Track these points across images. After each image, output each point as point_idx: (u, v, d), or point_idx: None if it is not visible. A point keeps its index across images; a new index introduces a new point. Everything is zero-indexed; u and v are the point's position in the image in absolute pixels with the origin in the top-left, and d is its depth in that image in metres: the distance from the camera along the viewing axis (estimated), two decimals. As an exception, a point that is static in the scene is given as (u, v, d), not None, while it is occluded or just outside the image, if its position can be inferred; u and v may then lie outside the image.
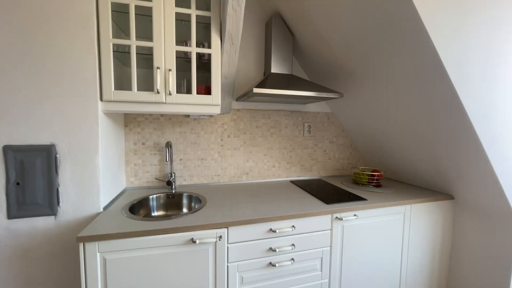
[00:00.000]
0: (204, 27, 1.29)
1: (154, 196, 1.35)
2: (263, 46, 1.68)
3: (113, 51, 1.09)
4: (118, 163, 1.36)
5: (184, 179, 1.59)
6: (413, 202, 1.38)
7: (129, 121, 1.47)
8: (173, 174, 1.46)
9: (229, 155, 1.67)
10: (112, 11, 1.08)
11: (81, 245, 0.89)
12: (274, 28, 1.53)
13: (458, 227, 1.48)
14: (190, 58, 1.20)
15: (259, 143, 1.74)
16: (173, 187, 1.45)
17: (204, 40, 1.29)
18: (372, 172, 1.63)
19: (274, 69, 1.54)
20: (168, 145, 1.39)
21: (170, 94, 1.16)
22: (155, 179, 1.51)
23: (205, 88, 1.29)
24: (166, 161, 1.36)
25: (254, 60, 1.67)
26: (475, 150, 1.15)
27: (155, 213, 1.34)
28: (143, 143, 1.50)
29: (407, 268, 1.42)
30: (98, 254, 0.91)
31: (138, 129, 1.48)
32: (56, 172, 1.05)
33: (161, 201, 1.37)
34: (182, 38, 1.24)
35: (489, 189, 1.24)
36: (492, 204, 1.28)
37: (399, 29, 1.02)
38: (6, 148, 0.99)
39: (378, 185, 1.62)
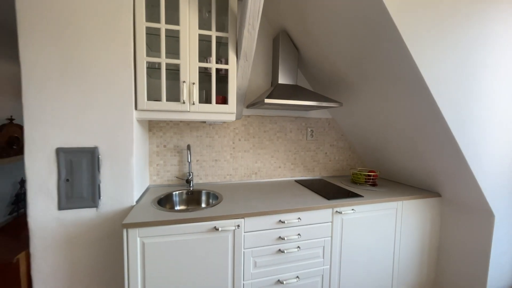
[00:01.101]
0: (222, 45, 1.48)
1: (177, 192, 1.54)
2: (271, 59, 1.87)
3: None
4: (144, 164, 1.54)
5: (200, 178, 1.77)
6: (404, 199, 1.56)
7: (152, 126, 1.66)
8: (191, 174, 1.64)
9: (240, 156, 1.86)
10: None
11: (125, 231, 1.07)
12: (281, 43, 1.72)
13: (445, 221, 1.66)
14: (210, 73, 1.39)
15: (266, 146, 1.92)
16: (191, 185, 1.63)
17: (221, 56, 1.48)
18: (368, 172, 1.81)
19: (281, 80, 1.73)
20: (189, 147, 1.57)
21: (193, 104, 1.34)
22: (176, 177, 1.70)
23: (222, 98, 1.48)
24: (188, 161, 1.55)
25: (262, 71, 1.86)
26: (455, 152, 1.34)
27: (177, 207, 1.52)
28: (164, 146, 1.68)
29: (399, 257, 1.60)
30: (138, 239, 1.09)
31: (160, 133, 1.67)
32: (98, 170, 1.23)
33: (183, 196, 1.55)
34: (203, 55, 1.43)
35: (469, 188, 1.42)
36: (472, 201, 1.46)
37: (387, 51, 1.21)
38: (59, 150, 1.17)
39: (374, 184, 1.80)
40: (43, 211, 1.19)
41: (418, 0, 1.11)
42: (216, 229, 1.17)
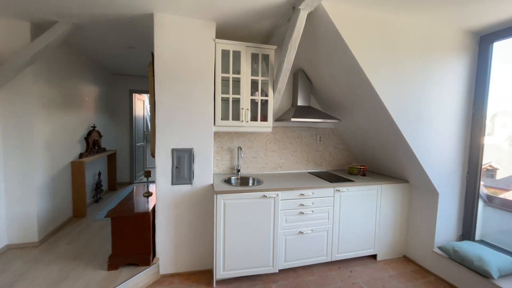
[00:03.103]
0: (264, 84, 2.31)
1: (233, 177, 2.37)
2: (292, 88, 2.69)
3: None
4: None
5: (243, 169, 2.60)
6: (383, 183, 2.35)
7: (215, 134, 2.49)
8: (239, 166, 2.47)
9: (270, 155, 2.68)
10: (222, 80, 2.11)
11: (215, 195, 1.90)
12: (299, 77, 2.54)
13: (411, 199, 2.44)
14: (257, 102, 2.22)
15: (288, 148, 2.74)
16: (239, 173, 2.46)
17: (263, 91, 2.31)
18: (360, 166, 2.60)
19: (299, 102, 2.54)
20: (240, 148, 2.41)
21: (247, 121, 2.18)
22: (229, 168, 2.53)
23: (263, 117, 2.30)
24: (240, 157, 2.38)
25: (286, 96, 2.67)
26: (410, 153, 2.12)
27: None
28: (221, 147, 2.52)
29: (379, 223, 2.38)
30: (222, 200, 1.91)
31: (219, 139, 2.50)
32: (193, 162, 2.07)
33: (237, 180, 2.38)
34: (252, 91, 2.26)
35: (421, 175, 2.20)
36: (425, 184, 2.24)
37: (363, 88, 2.01)
38: (173, 150, 2.02)
39: (363, 174, 2.59)
40: (163, 185, 2.03)
41: (379, 59, 1.92)
42: (264, 196, 1.99)
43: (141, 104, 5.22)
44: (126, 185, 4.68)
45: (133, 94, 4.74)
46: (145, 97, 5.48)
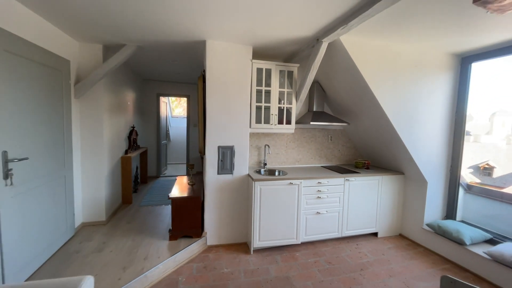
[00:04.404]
0: (288, 94, 2.85)
1: (262, 169, 2.92)
2: (308, 96, 3.23)
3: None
4: (243, 154, 2.93)
5: (268, 163, 3.15)
6: (383, 175, 2.90)
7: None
8: (265, 160, 3.03)
9: (289, 152, 3.23)
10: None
11: (253, 182, 2.45)
12: (316, 88, 3.09)
13: (406, 188, 3.00)
14: (283, 109, 2.77)
15: (304, 146, 3.29)
16: (266, 166, 3.01)
17: (287, 99, 2.86)
18: (364, 161, 3.16)
19: (315, 108, 3.09)
20: (267, 146, 2.97)
21: (275, 124, 2.73)
22: (256, 162, 3.09)
23: (287, 121, 2.85)
24: (268, 153, 2.94)
25: (304, 103, 3.22)
26: (404, 149, 2.67)
27: (262, 177, 2.91)
28: (251, 145, 3.07)
29: (380, 207, 2.94)
30: (259, 186, 2.47)
31: (250, 138, 3.05)
32: (233, 156, 2.62)
33: (266, 172, 2.93)
34: (280, 99, 2.81)
35: (414, 168, 2.76)
36: (416, 175, 2.80)
37: (368, 98, 2.56)
38: (219, 147, 2.57)
39: (367, 168, 3.15)
40: (211, 174, 2.59)
41: (380, 76, 2.46)
42: (291, 183, 2.54)
43: (164, 106, 5.76)
44: (154, 178, 5.24)
45: (160, 97, 5.28)
46: (167, 100, 6.01)
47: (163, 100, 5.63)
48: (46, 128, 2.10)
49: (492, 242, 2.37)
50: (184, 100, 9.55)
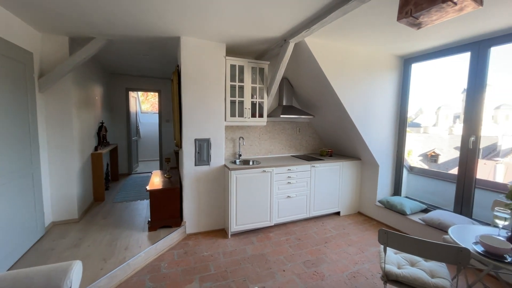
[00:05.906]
0: (260, 89, 3.08)
1: (237, 160, 3.12)
2: (278, 91, 3.49)
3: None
4: (219, 146, 3.09)
5: (243, 155, 3.36)
6: (344, 161, 3.32)
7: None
8: (240, 151, 3.23)
9: (262, 143, 3.48)
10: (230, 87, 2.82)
11: (230, 171, 2.64)
12: (285, 84, 3.36)
13: (363, 171, 3.47)
14: (256, 103, 2.98)
15: (275, 137, 3.57)
16: (240, 157, 3.22)
17: (259, 94, 3.08)
18: (328, 150, 3.55)
19: (284, 103, 3.37)
20: (241, 138, 3.17)
21: (248, 118, 2.94)
22: (231, 154, 3.28)
23: (259, 114, 3.08)
24: (243, 145, 3.14)
25: (275, 98, 3.48)
26: (360, 138, 3.10)
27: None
28: (226, 138, 3.24)
29: (341, 188, 3.36)
30: (234, 175, 2.67)
31: (226, 130, 3.22)
32: (210, 148, 2.77)
33: (241, 162, 3.14)
34: (252, 94, 3.02)
35: (368, 154, 3.21)
36: (370, 160, 3.27)
37: (329, 92, 2.91)
38: (195, 140, 2.70)
39: (330, 155, 3.55)
40: (189, 166, 2.71)
41: (339, 73, 2.82)
42: (264, 171, 2.79)
43: (134, 101, 5.58)
44: (126, 176, 5.10)
45: (129, 92, 5.11)
46: (137, 95, 5.82)
47: (133, 95, 5.45)
48: (9, 123, 2.01)
49: (426, 211, 2.91)
50: (151, 95, 9.27)
